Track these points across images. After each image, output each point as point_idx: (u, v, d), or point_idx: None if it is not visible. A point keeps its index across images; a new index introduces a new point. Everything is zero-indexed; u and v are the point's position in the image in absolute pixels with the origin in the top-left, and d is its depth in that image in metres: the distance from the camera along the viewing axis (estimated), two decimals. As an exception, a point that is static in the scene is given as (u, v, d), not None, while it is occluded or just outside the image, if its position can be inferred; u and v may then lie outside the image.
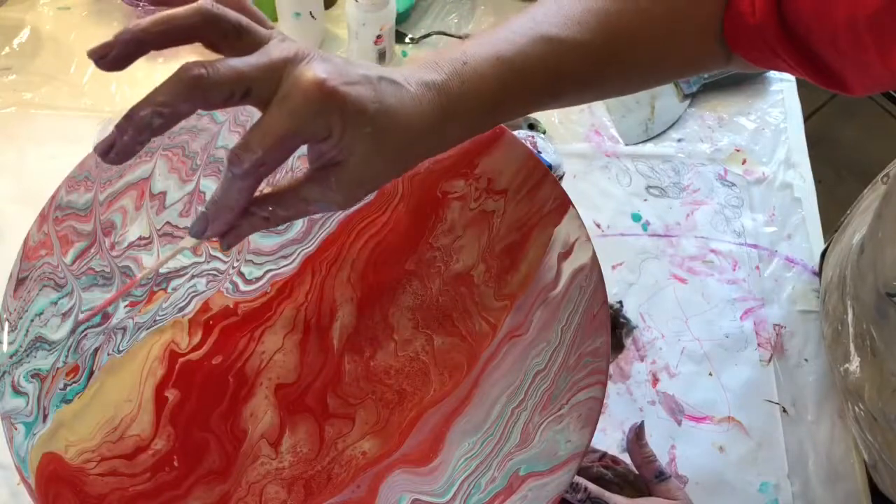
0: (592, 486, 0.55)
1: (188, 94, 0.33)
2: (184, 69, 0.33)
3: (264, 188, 0.37)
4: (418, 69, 0.40)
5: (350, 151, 0.36)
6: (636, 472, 0.60)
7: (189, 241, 0.38)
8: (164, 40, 0.34)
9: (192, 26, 0.34)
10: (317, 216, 0.51)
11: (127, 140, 0.34)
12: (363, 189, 0.39)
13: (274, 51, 0.35)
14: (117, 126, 0.34)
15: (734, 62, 0.51)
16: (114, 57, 0.34)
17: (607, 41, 0.45)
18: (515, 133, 0.53)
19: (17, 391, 0.45)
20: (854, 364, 0.58)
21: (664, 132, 0.81)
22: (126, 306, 0.48)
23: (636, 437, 0.60)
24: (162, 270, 0.49)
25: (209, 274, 0.49)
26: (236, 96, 0.34)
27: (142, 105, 0.33)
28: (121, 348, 0.47)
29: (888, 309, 0.44)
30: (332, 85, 0.34)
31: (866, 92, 0.46)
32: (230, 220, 0.37)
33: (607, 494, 0.55)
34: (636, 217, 0.76)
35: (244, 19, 0.35)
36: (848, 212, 0.69)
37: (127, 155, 0.34)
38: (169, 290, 0.48)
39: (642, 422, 0.61)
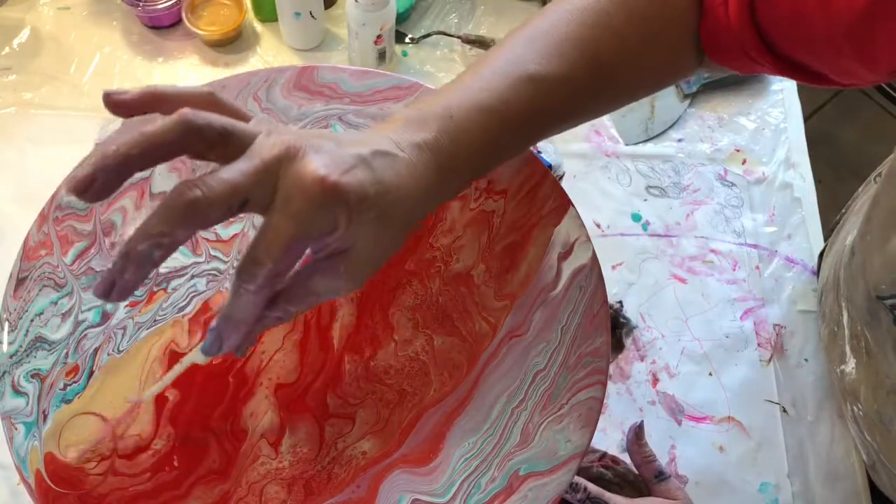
0: (592, 487, 0.55)
1: (185, 221, 0.31)
2: (176, 193, 0.31)
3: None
4: (406, 129, 0.38)
5: (356, 238, 0.35)
6: (636, 471, 0.60)
7: (199, 357, 0.37)
8: (146, 162, 0.32)
9: (173, 142, 0.32)
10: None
11: (129, 278, 0.32)
12: (372, 269, 0.38)
13: (264, 151, 0.33)
14: (115, 265, 0.32)
15: (705, 66, 0.51)
16: (96, 190, 0.31)
17: (589, 72, 0.44)
18: (515, 133, 0.53)
19: (17, 391, 0.45)
20: (850, 365, 0.58)
21: (664, 132, 0.81)
22: (126, 306, 0.48)
23: (636, 437, 0.60)
24: (162, 270, 0.49)
25: (209, 274, 0.49)
26: (234, 209, 0.32)
27: (138, 239, 0.31)
28: (121, 348, 0.47)
29: (879, 312, 0.44)
30: (332, 180, 0.33)
31: (856, 87, 0.46)
32: (245, 333, 0.35)
33: (607, 495, 0.55)
34: (636, 217, 0.76)
35: (227, 122, 0.33)
36: (843, 211, 0.69)
37: (129, 292, 0.32)
38: (169, 289, 0.48)
39: (642, 422, 0.61)
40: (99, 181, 0.31)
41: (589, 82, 0.45)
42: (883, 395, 0.53)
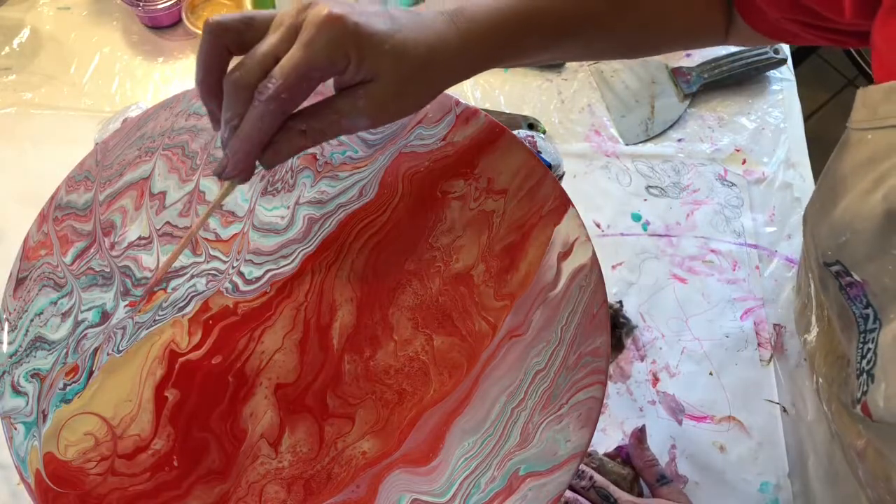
0: (598, 477, 0.55)
1: (238, 98, 0.39)
2: (224, 83, 0.39)
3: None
4: (433, 4, 0.43)
5: (374, 73, 0.39)
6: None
7: (224, 188, 0.42)
8: (214, 73, 0.40)
9: (213, 46, 0.39)
10: (316, 216, 0.51)
11: (233, 153, 0.40)
12: (390, 106, 0.41)
13: (285, 16, 0.38)
14: (225, 154, 0.40)
15: (732, 37, 0.55)
16: (223, 119, 0.39)
17: None
18: (515, 133, 0.53)
19: (17, 391, 0.45)
20: (812, 334, 0.59)
21: (664, 132, 0.81)
22: (126, 306, 0.48)
23: (638, 440, 0.60)
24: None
25: (209, 274, 0.49)
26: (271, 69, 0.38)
27: (222, 130, 0.40)
28: (120, 348, 0.47)
29: (827, 279, 0.45)
30: (339, 13, 0.37)
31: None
32: (251, 152, 0.39)
33: (612, 487, 0.55)
34: (636, 217, 0.76)
35: (246, 12, 0.39)
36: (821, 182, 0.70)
37: (242, 167, 0.40)
38: (169, 289, 0.48)
39: (643, 425, 0.61)
40: (212, 112, 0.41)
41: (614, 2, 0.49)
42: (832, 360, 0.53)
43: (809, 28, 0.50)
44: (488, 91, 0.82)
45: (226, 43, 0.39)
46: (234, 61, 0.40)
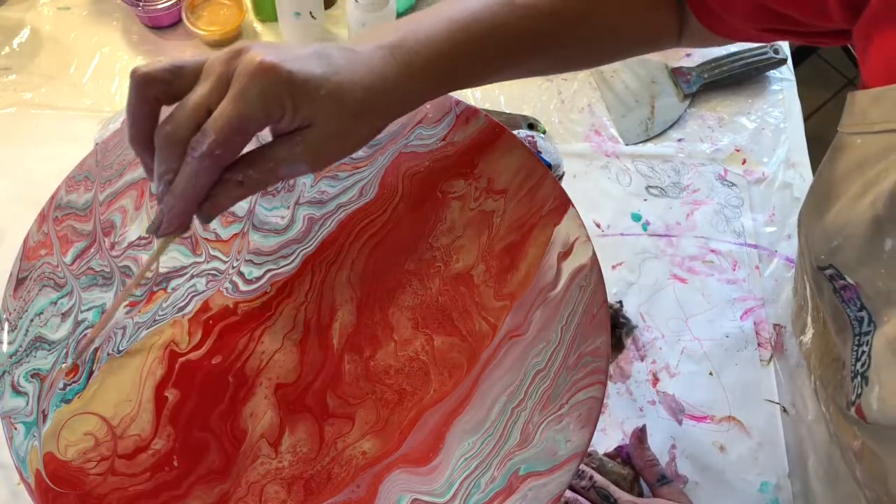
0: (598, 477, 0.55)
1: (170, 153, 0.37)
2: (155, 136, 0.37)
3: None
4: (370, 36, 0.41)
5: (311, 119, 0.38)
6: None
7: (159, 245, 0.41)
8: (142, 125, 0.38)
9: (141, 98, 0.37)
10: (316, 216, 0.51)
11: (167, 210, 0.38)
12: (330, 150, 0.40)
13: (214, 64, 0.37)
14: (158, 209, 0.38)
15: (687, 39, 0.54)
16: (156, 173, 0.38)
17: (564, 6, 0.46)
18: (515, 133, 0.53)
19: (17, 391, 0.45)
20: (808, 335, 0.59)
21: (664, 132, 0.81)
22: (126, 306, 0.48)
23: (638, 440, 0.60)
24: (161, 270, 0.49)
25: (209, 274, 0.49)
26: (203, 120, 0.36)
27: (156, 183, 0.38)
28: (120, 348, 0.47)
29: (822, 282, 0.45)
30: (271, 61, 0.35)
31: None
32: (187, 210, 0.38)
33: (612, 487, 0.55)
34: (636, 217, 0.76)
35: (173, 59, 0.38)
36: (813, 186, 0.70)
37: (177, 223, 0.39)
38: (169, 289, 0.48)
39: (644, 425, 0.61)
40: (146, 164, 0.38)
41: (562, 17, 0.47)
42: (827, 362, 0.53)
43: (778, 33, 0.49)
44: (488, 91, 0.82)
45: (154, 94, 0.37)
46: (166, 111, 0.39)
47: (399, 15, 0.81)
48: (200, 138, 0.35)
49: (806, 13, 0.46)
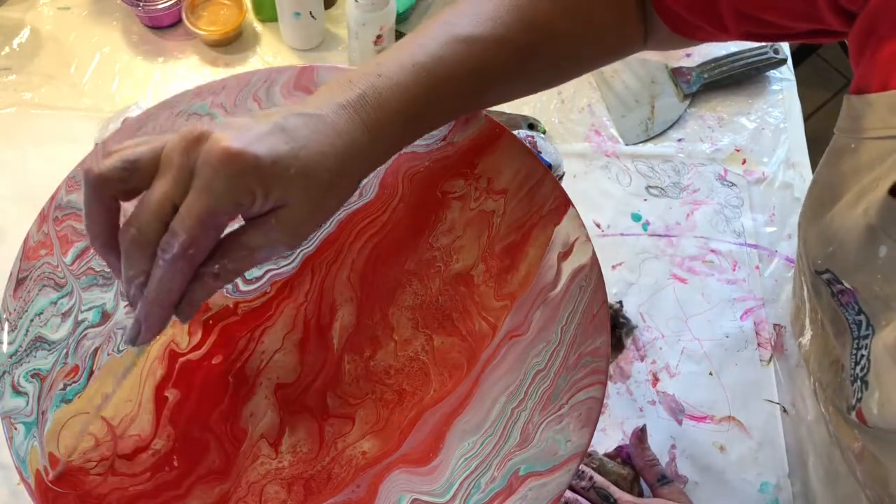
0: (598, 477, 0.55)
1: (138, 257, 0.35)
2: (120, 239, 0.35)
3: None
4: (331, 93, 0.39)
5: (283, 200, 0.35)
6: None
7: (132, 351, 0.40)
8: (103, 227, 0.36)
9: (97, 200, 0.35)
10: (317, 216, 0.50)
11: (144, 317, 0.36)
12: (307, 225, 0.38)
13: (172, 155, 0.34)
14: (136, 315, 0.36)
15: (653, 43, 0.53)
16: (125, 277, 0.36)
17: (524, 34, 0.45)
18: (515, 133, 0.53)
19: (17, 391, 0.45)
20: (807, 337, 0.59)
21: (664, 132, 0.81)
22: (126, 306, 0.48)
23: (638, 440, 0.60)
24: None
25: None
26: (169, 216, 0.34)
27: (125, 287, 0.36)
28: (121, 348, 0.47)
29: (819, 286, 0.45)
30: (237, 148, 0.33)
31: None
32: (164, 315, 0.36)
33: (612, 487, 0.55)
34: (636, 217, 0.76)
35: (125, 154, 0.35)
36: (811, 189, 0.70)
37: (158, 327, 0.37)
38: (169, 289, 0.48)
39: (644, 425, 0.61)
40: (112, 265, 0.36)
41: (524, 46, 0.45)
42: (826, 365, 0.53)
43: (755, 36, 0.49)
44: (488, 91, 0.82)
45: (110, 193, 0.35)
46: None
47: (399, 15, 0.81)
48: (170, 239, 0.33)
49: (797, 20, 0.45)
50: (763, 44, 0.84)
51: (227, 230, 0.37)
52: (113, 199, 0.35)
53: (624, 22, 0.51)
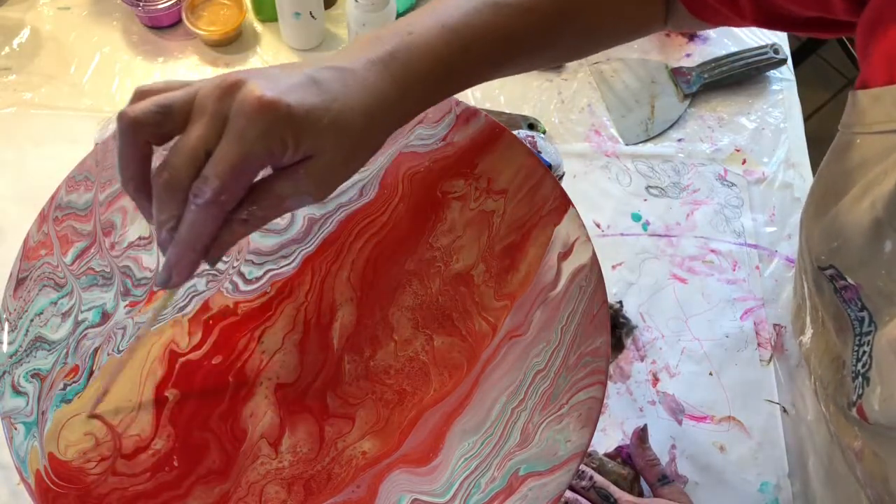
0: (598, 477, 0.55)
1: (171, 201, 0.35)
2: (153, 183, 0.36)
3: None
4: (362, 48, 0.40)
5: (314, 151, 0.36)
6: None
7: (162, 297, 0.39)
8: (136, 167, 0.36)
9: (131, 143, 0.35)
10: (316, 216, 0.51)
11: (174, 261, 0.36)
12: (335, 177, 0.39)
13: (207, 102, 0.35)
14: (165, 260, 0.36)
15: (673, 23, 0.54)
16: (157, 220, 0.36)
17: (551, 3, 0.46)
18: (515, 133, 0.53)
19: (17, 391, 0.45)
20: (807, 335, 0.59)
21: (664, 132, 0.81)
22: (126, 306, 0.48)
23: (639, 440, 0.60)
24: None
25: (209, 273, 0.49)
26: (203, 162, 0.34)
27: (157, 231, 0.36)
28: (121, 348, 0.47)
29: (822, 282, 0.45)
30: (270, 97, 0.34)
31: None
32: (195, 259, 0.36)
33: (612, 487, 0.55)
34: (636, 217, 0.75)
35: (160, 98, 0.35)
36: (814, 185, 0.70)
37: (186, 273, 0.37)
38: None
39: (645, 425, 0.61)
40: (144, 209, 0.37)
41: (552, 12, 0.46)
42: (827, 362, 0.53)
43: (767, 22, 0.49)
44: (488, 91, 0.82)
45: (144, 138, 0.35)
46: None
47: (399, 15, 0.81)
48: (202, 185, 0.34)
49: (809, 7, 0.46)
50: (763, 44, 0.84)
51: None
52: (146, 143, 0.36)
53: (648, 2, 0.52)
